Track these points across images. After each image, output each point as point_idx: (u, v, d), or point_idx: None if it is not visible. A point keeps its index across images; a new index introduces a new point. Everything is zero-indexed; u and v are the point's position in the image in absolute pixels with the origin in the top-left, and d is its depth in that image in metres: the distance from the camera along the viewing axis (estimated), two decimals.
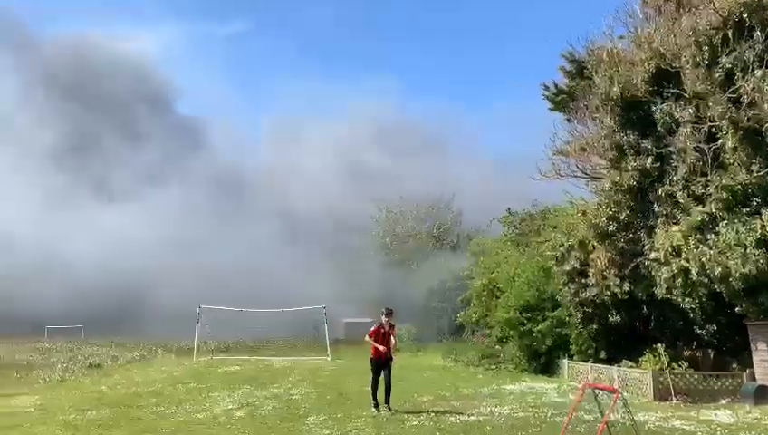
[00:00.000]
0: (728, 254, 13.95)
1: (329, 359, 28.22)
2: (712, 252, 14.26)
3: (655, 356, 17.91)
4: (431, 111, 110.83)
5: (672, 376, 15.07)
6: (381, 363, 13.26)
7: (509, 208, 30.26)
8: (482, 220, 46.30)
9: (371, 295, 47.41)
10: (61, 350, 32.59)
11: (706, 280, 14.71)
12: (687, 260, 15.15)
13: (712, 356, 17.35)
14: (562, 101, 27.17)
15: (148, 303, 56.17)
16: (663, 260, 15.94)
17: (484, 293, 29.55)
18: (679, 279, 15.46)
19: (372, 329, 13.46)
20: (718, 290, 14.64)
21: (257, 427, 11.47)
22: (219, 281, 53.09)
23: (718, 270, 14.12)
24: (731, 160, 14.37)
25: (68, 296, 57.68)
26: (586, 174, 22.37)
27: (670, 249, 15.62)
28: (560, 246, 21.10)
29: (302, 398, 15.26)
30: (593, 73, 22.30)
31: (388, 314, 13.52)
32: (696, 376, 15.20)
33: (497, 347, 27.76)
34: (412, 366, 24.87)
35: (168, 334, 41.73)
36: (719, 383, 14.95)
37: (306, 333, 42.58)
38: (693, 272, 14.91)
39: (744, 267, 13.63)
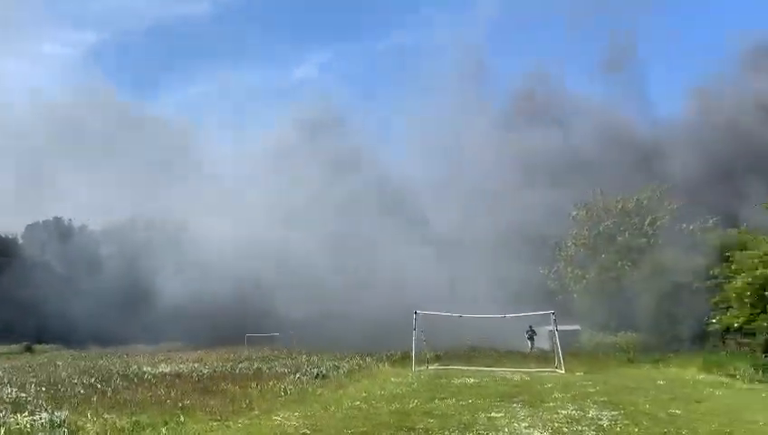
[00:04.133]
0: None
1: (563, 371, 24.92)
2: None
3: None
4: None
5: None
6: None
7: None
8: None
9: (575, 303, 43.34)
10: (275, 357, 32.12)
11: None
12: None
13: None
14: None
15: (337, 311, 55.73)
16: None
17: (748, 293, 24.71)
18: None
19: None
20: None
21: None
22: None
23: None
24: None
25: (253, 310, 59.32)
26: None
27: None
28: None
29: (617, 424, 12.01)
30: None
31: None
32: None
33: None
34: (678, 382, 20.84)
35: (358, 343, 40.20)
36: None
37: (501, 341, 39.43)
38: None
39: None
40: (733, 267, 25.88)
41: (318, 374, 22.63)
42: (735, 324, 25.33)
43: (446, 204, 63.63)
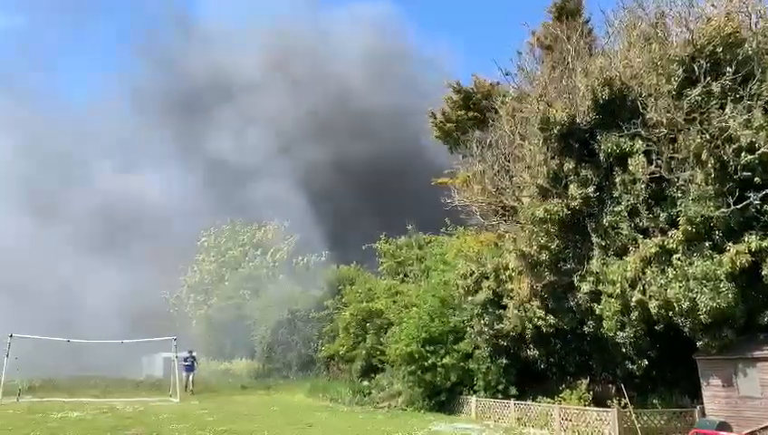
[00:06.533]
0: (698, 287, 13.68)
1: (178, 400, 23.96)
2: (680, 285, 13.91)
3: (576, 392, 17.48)
4: None
5: (635, 414, 14.33)
6: None
7: (384, 234, 28.67)
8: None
9: (193, 330, 42.64)
10: None
11: (667, 313, 14.39)
12: (644, 292, 14.78)
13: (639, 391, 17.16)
14: (449, 130, 26.87)
15: None
16: (614, 292, 15.42)
17: (353, 324, 27.53)
18: (636, 313, 15.02)
19: None
20: (682, 325, 14.37)
21: None
22: None
23: (686, 304, 13.82)
24: (695, 193, 14.19)
25: None
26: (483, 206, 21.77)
27: (623, 281, 15.14)
28: (470, 275, 19.95)
29: None
30: (496, 105, 22.12)
31: None
32: (657, 415, 14.67)
33: (365, 383, 25.91)
34: (290, 407, 21.92)
35: None
36: (675, 421, 14.57)
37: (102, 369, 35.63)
38: (652, 305, 14.53)
39: (714, 301, 13.42)
40: (343, 300, 28.64)
41: None
42: (340, 352, 27.89)
43: None
